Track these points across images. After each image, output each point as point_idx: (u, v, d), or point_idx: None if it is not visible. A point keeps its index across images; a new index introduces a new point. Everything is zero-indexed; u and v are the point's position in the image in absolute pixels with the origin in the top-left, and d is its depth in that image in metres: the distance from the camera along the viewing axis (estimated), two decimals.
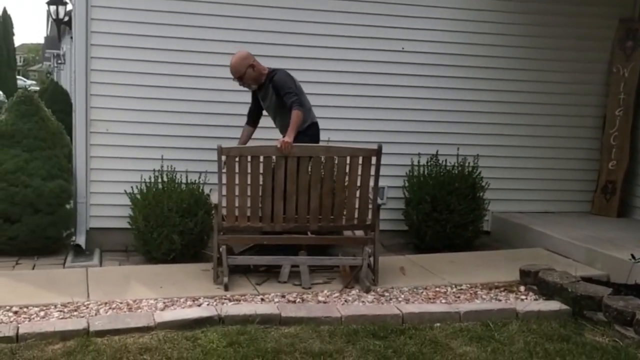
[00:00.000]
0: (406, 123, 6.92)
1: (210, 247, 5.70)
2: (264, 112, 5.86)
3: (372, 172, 5.27)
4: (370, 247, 5.26)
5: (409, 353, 4.02)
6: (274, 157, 5.12)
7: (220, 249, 5.10)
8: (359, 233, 5.49)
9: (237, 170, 5.05)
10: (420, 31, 6.87)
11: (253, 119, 5.88)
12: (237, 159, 5.05)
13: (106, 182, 6.34)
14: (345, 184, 5.24)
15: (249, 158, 5.10)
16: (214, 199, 5.21)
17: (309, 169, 5.16)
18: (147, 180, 5.98)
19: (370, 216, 5.29)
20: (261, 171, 5.10)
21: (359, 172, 5.21)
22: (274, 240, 5.29)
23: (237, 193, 5.09)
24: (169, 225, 5.72)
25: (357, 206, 5.32)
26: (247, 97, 6.25)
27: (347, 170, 5.20)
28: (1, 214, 5.86)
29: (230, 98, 6.41)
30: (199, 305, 4.70)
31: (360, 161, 5.19)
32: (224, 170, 5.11)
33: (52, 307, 4.60)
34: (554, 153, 7.35)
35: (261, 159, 5.07)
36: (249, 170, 5.10)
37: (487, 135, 7.13)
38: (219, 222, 5.16)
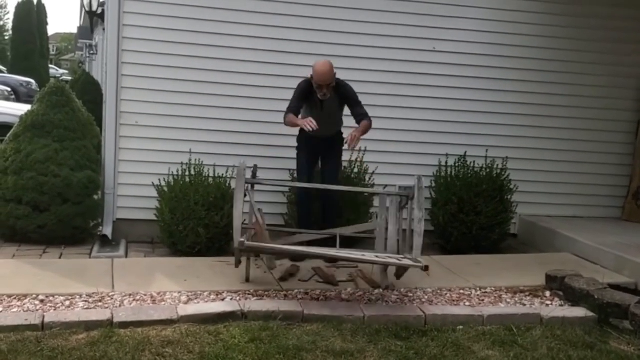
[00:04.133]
0: (435, 123, 6.87)
1: None
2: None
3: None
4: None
5: (430, 355, 4.00)
6: None
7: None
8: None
9: None
10: (452, 31, 6.82)
11: (298, 113, 5.69)
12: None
13: (134, 173, 6.39)
14: None
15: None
16: (235, 216, 4.90)
17: None
18: (175, 173, 6.02)
19: None
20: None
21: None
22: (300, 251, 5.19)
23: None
24: (195, 219, 5.75)
25: None
26: (275, 93, 6.30)
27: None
28: (30, 203, 5.94)
29: (257, 94, 6.45)
30: (223, 300, 4.71)
31: None
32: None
33: (78, 296, 4.65)
34: (585, 157, 7.24)
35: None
36: None
37: (517, 138, 7.05)
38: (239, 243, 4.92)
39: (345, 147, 5.66)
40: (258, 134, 6.48)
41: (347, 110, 5.80)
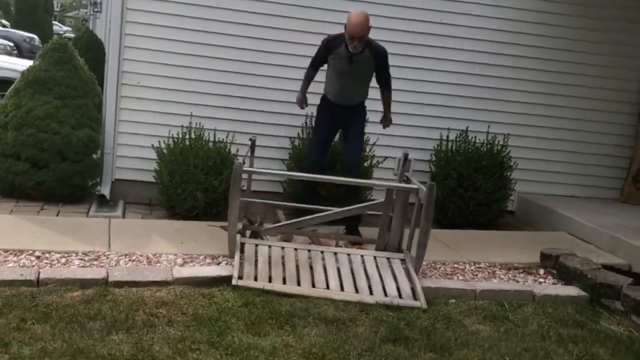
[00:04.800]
0: (437, 96, 6.84)
1: None
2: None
3: None
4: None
5: (421, 327, 4.03)
6: None
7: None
8: None
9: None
10: (459, 4, 6.74)
11: (318, 68, 5.63)
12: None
13: (134, 134, 6.37)
14: None
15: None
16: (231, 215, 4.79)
17: None
18: (175, 135, 6.01)
19: None
20: None
21: None
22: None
23: None
24: (193, 182, 5.75)
25: None
26: (281, 59, 6.29)
27: None
28: (29, 159, 5.93)
29: (262, 59, 6.40)
30: (218, 264, 4.74)
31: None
32: None
33: (74, 254, 4.68)
34: (587, 137, 7.22)
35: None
36: None
37: (519, 115, 7.02)
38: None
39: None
40: (260, 99, 6.45)
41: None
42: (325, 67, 5.59)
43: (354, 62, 5.34)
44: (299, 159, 6.14)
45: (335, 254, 4.84)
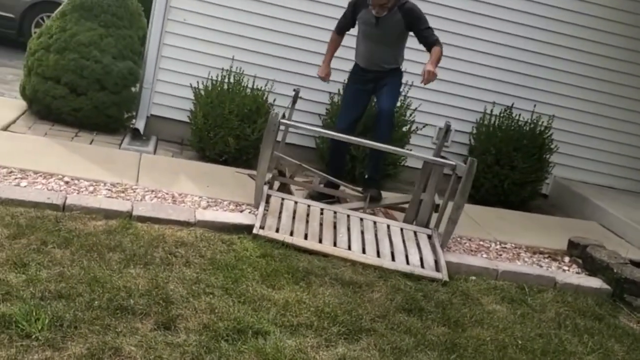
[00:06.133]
0: (486, 69, 6.65)
1: None
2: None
3: None
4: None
5: (437, 300, 3.98)
6: None
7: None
8: None
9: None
10: None
11: (343, 32, 5.37)
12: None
13: (174, 72, 6.33)
14: None
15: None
16: (261, 165, 4.71)
17: None
18: (214, 78, 5.95)
19: None
20: None
21: None
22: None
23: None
24: (226, 127, 5.72)
25: None
26: (327, 10, 6.11)
27: None
28: (68, 84, 5.93)
29: (307, 7, 6.26)
30: (241, 212, 4.73)
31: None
32: None
33: (102, 184, 4.70)
34: (632, 128, 7.00)
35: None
36: None
37: (567, 97, 6.81)
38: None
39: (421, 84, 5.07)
40: (303, 49, 6.33)
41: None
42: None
43: (379, 25, 5.05)
44: (335, 115, 6.05)
45: (362, 219, 4.77)
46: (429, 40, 5.01)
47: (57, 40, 6.00)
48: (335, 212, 4.76)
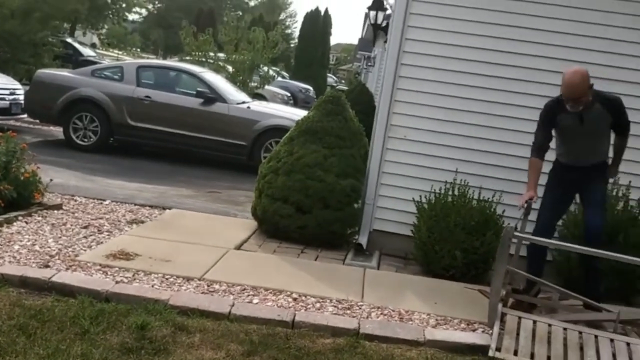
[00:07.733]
0: None
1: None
2: None
3: None
4: None
5: None
6: None
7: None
8: None
9: None
10: None
11: (543, 153, 4.94)
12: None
13: (396, 187, 6.31)
14: None
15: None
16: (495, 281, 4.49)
17: None
18: (437, 191, 5.83)
19: None
20: None
21: None
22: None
23: None
24: (452, 241, 5.50)
25: None
26: None
27: None
28: (295, 204, 6.14)
29: (530, 115, 5.96)
30: (474, 331, 4.42)
31: None
32: None
33: (328, 300, 4.67)
34: None
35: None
36: None
37: None
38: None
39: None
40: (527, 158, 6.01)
41: None
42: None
43: (584, 121, 4.73)
44: (573, 225, 5.57)
45: (612, 340, 4.22)
46: (625, 132, 5.01)
47: (285, 164, 6.30)
48: (580, 333, 4.26)
